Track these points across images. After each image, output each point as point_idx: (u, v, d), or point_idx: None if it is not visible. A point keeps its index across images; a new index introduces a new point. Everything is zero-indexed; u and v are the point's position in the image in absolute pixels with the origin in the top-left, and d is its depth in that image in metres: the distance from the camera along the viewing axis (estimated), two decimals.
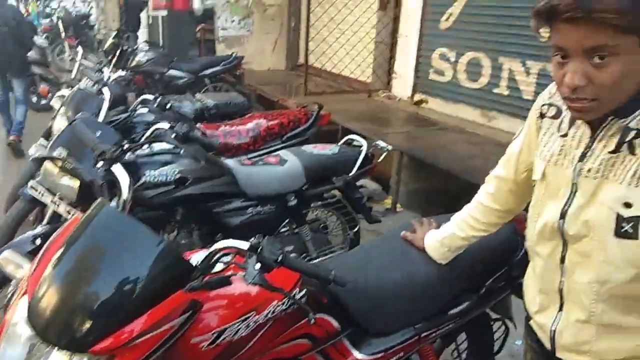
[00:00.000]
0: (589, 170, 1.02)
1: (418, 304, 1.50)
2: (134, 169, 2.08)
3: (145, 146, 2.16)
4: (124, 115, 2.63)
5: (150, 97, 2.71)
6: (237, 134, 3.00)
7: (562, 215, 1.07)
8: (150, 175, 2.07)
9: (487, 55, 4.32)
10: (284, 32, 7.84)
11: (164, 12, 6.87)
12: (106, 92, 2.89)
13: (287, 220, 2.61)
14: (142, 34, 7.94)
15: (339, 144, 2.75)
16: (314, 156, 2.51)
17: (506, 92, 4.17)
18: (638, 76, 0.92)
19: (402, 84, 5.50)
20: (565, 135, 1.07)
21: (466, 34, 4.52)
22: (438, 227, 1.54)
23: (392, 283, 1.47)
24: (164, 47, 6.82)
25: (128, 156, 2.10)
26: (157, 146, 2.16)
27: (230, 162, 2.36)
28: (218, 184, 2.23)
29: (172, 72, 5.66)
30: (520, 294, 1.35)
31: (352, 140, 2.77)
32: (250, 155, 2.98)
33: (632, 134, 0.96)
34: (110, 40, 5.66)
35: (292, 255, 1.27)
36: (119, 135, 2.32)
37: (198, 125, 2.98)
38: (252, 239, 1.13)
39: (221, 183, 2.24)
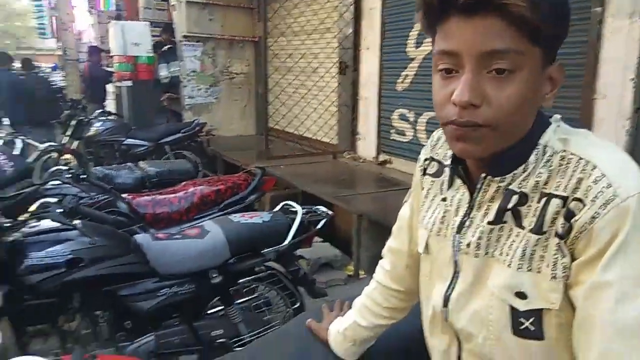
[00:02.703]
0: (468, 245, 0.78)
1: None
2: (18, 251, 1.81)
3: (34, 223, 1.90)
4: (30, 189, 2.38)
5: (63, 168, 2.48)
6: (167, 204, 2.75)
7: (445, 302, 0.83)
8: (35, 257, 1.80)
9: None
10: (252, 99, 7.84)
11: (129, 83, 6.82)
12: None
13: (217, 299, 2.32)
14: (109, 104, 7.88)
15: (274, 210, 2.52)
16: (241, 226, 2.25)
17: None
18: (536, 105, 0.72)
19: (366, 145, 5.39)
20: (445, 199, 0.85)
21: (422, 94, 4.45)
22: None
23: None
24: (129, 116, 6.72)
25: (14, 235, 1.84)
26: (47, 223, 1.90)
27: (140, 238, 2.10)
28: (121, 264, 1.96)
29: (130, 140, 5.51)
30: None
31: (290, 206, 2.54)
32: (184, 226, 2.74)
33: (515, 199, 0.73)
34: (65, 111, 5.53)
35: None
36: None
37: (124, 195, 2.75)
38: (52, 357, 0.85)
39: (126, 262, 1.97)
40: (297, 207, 2.41)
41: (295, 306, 2.49)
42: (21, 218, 2.01)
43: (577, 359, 0.69)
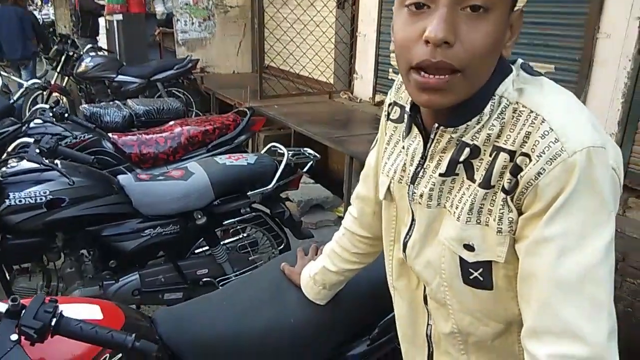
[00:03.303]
0: (420, 196, 0.76)
1: (286, 358, 1.21)
2: None
3: (14, 163, 1.88)
4: (12, 128, 2.33)
5: (46, 106, 2.42)
6: (154, 144, 2.72)
7: (404, 248, 0.82)
8: (15, 197, 1.79)
9: None
10: (248, 34, 7.58)
11: (120, 17, 6.56)
12: None
13: (202, 240, 2.34)
14: (101, 39, 7.64)
15: (261, 152, 2.49)
16: (226, 168, 2.23)
17: None
18: (499, 52, 0.68)
19: (363, 85, 5.27)
20: (404, 147, 0.82)
21: None
22: None
23: (253, 331, 1.18)
24: (121, 52, 6.52)
25: None
26: (28, 164, 1.87)
27: (123, 178, 2.08)
28: (103, 204, 1.95)
29: (121, 77, 5.36)
30: None
31: (277, 148, 2.50)
32: (169, 167, 2.72)
33: (467, 152, 0.70)
34: (54, 47, 5.37)
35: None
36: None
37: (110, 134, 2.71)
38: (9, 300, 0.84)
39: (108, 203, 1.96)
40: (284, 150, 2.38)
41: (281, 247, 2.52)
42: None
43: (521, 311, 0.69)
